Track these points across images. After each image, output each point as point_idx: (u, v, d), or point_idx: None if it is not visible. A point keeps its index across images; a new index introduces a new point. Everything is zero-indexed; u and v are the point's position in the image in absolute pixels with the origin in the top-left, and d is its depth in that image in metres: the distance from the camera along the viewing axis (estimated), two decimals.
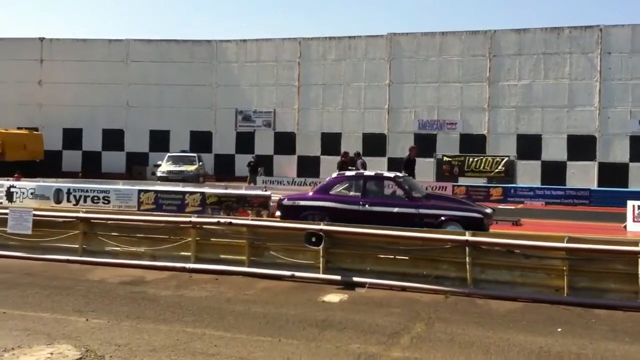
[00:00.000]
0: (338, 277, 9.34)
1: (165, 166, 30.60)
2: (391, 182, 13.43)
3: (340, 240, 9.60)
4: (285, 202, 13.68)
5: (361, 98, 36.21)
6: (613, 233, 15.75)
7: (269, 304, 8.19)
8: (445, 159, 31.49)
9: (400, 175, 14.04)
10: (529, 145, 33.14)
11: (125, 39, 39.43)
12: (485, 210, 13.10)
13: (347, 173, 14.65)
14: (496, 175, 30.36)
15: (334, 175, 14.43)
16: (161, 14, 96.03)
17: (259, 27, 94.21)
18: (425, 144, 31.93)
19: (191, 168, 30.61)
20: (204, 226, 10.46)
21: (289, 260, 9.77)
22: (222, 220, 10.62)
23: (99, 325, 7.02)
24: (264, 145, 37.35)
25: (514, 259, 8.78)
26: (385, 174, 14.03)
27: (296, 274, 9.57)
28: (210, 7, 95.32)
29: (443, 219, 12.35)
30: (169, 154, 32.99)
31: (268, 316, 7.49)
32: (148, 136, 38.50)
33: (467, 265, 8.79)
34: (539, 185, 30.38)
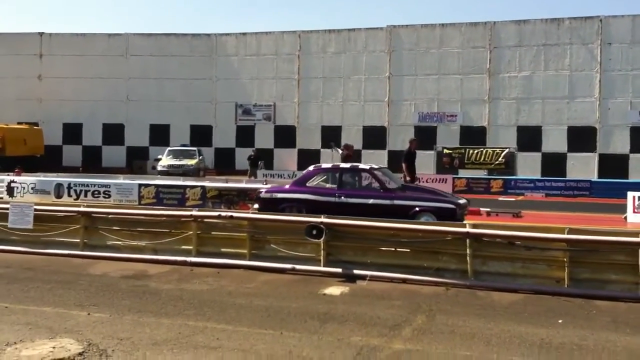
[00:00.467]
0: (339, 270, 9.35)
1: (166, 160, 30.63)
2: (367, 174, 13.56)
3: (341, 232, 9.60)
4: (263, 195, 13.84)
5: (361, 91, 36.20)
6: (614, 224, 15.76)
7: (270, 297, 8.20)
8: (446, 151, 31.45)
9: (375, 167, 14.18)
10: (529, 137, 33.15)
11: (124, 33, 39.41)
12: (459, 201, 13.23)
13: (324, 165, 14.80)
14: (496, 167, 30.33)
15: (310, 168, 14.57)
16: (160, 7, 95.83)
17: (259, 21, 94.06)
18: (425, 136, 31.94)
19: (191, 162, 30.64)
20: (205, 220, 10.46)
21: (290, 253, 9.78)
22: (223, 213, 10.65)
23: (101, 319, 7.03)
24: (264, 138, 37.36)
25: (515, 251, 8.79)
26: (361, 166, 14.14)
27: (297, 266, 9.58)
28: (210, 1, 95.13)
29: (417, 209, 12.47)
30: (169, 148, 33.05)
31: (270, 309, 7.50)
32: (148, 130, 38.52)
33: (468, 257, 8.80)
34: (539, 177, 30.39)
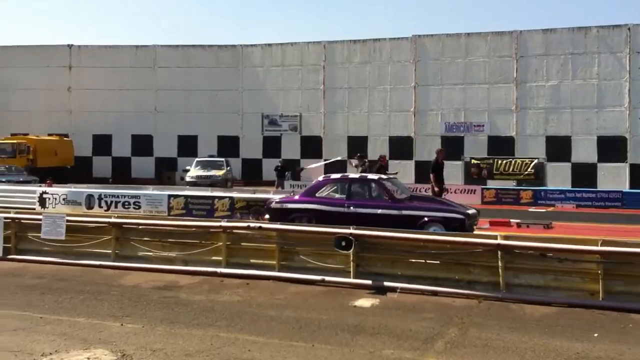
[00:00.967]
0: (369, 282, 9.30)
1: (194, 171, 30.85)
2: (375, 184, 13.63)
3: (370, 244, 9.57)
4: (274, 205, 14.02)
5: (387, 101, 36.12)
6: None
7: (301, 308, 8.20)
8: (474, 161, 31.18)
9: (384, 177, 14.37)
10: (559, 147, 32.71)
11: (152, 45, 39.83)
12: (467, 211, 13.17)
13: (333, 176, 14.91)
14: (525, 177, 29.96)
15: (320, 178, 14.72)
16: (187, 19, 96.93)
17: (284, 31, 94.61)
18: (452, 146, 31.72)
19: (219, 173, 30.82)
20: (234, 231, 10.52)
21: (319, 265, 9.77)
22: (252, 224, 10.69)
23: (134, 330, 7.09)
24: (291, 149, 37.41)
25: (547, 263, 8.67)
26: (369, 176, 14.33)
27: (327, 278, 9.56)
28: (235, 12, 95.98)
29: (426, 219, 12.52)
30: (197, 158, 33.25)
31: (300, 321, 7.50)
32: (176, 141, 38.81)
33: (500, 270, 8.70)
34: (570, 187, 29.95)
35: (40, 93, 39.12)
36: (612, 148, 32.07)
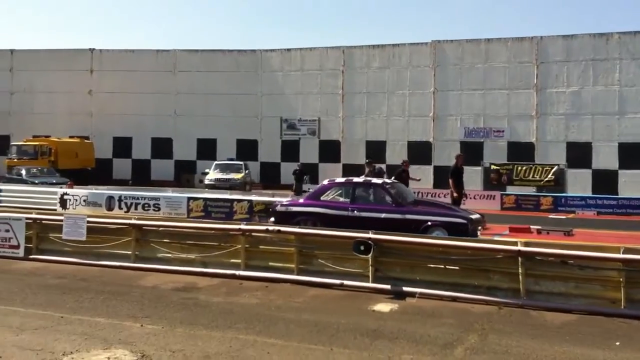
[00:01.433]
0: (388, 287, 9.27)
1: (213, 174, 31.03)
2: (379, 189, 13.72)
3: (389, 249, 9.55)
4: (279, 208, 14.19)
5: (405, 106, 36.05)
6: None
7: (319, 312, 8.20)
8: (493, 167, 30.96)
9: (388, 181, 14.50)
10: (579, 154, 32.40)
11: (172, 49, 40.12)
12: (471, 216, 13.17)
13: (337, 179, 15.03)
14: (546, 184, 29.68)
15: (325, 182, 14.81)
16: (207, 24, 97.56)
17: (303, 36, 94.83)
18: (472, 151, 31.61)
19: (238, 176, 30.96)
20: (253, 233, 10.54)
21: (338, 269, 9.76)
22: (271, 227, 10.71)
23: (154, 331, 7.13)
24: (309, 153, 37.47)
25: (568, 270, 8.59)
26: (373, 181, 14.40)
27: (345, 282, 9.55)
28: (255, 17, 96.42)
29: (429, 224, 12.57)
30: (216, 162, 33.44)
31: (319, 324, 7.50)
32: (195, 144, 39.05)
33: (520, 276, 8.63)
34: (590, 194, 29.64)
35: (62, 96, 39.57)
36: (634, 155, 31.68)
